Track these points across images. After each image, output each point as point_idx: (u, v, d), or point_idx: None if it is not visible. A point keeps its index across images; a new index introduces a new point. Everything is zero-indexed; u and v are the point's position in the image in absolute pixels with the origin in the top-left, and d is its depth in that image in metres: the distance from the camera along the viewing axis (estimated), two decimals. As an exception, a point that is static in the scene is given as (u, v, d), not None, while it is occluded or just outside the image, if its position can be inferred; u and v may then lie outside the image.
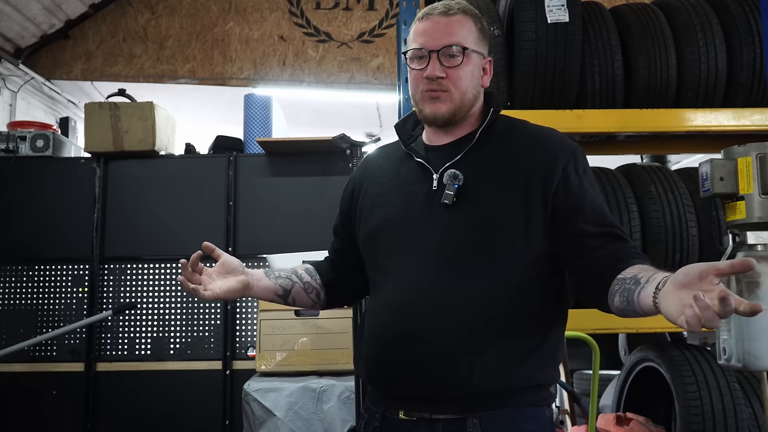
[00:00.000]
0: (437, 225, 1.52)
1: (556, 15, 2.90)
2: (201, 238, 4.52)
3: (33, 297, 4.35)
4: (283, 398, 2.97)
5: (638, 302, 1.30)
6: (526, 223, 1.50)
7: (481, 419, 1.47)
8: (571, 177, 1.54)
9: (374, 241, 1.62)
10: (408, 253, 1.54)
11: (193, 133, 5.92)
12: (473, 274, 1.49)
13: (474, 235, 1.50)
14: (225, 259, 1.61)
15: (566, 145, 1.59)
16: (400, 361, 1.50)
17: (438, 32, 1.56)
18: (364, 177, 1.73)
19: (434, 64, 1.54)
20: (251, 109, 4.75)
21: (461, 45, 1.56)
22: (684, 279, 1.15)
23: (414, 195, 1.58)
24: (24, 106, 5.75)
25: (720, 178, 2.25)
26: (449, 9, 1.58)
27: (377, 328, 1.56)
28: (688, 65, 3.05)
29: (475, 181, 1.54)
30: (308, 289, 1.74)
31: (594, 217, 1.52)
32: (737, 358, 2.09)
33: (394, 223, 1.58)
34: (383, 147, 1.80)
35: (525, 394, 1.50)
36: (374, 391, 1.63)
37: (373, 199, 1.66)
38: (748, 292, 2.06)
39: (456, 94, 1.56)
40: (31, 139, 4.49)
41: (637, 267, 1.38)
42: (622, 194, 2.98)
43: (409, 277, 1.52)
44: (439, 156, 1.60)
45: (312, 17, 6.25)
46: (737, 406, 2.75)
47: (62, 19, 5.88)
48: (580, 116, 2.99)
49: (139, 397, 4.23)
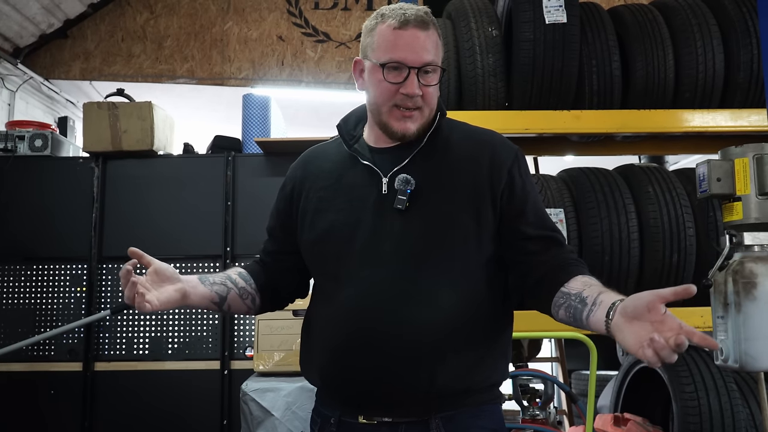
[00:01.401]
0: (391, 230, 1.51)
1: (554, 16, 2.90)
2: (199, 238, 4.50)
3: (31, 296, 4.35)
4: (281, 398, 2.97)
5: (587, 323, 1.37)
6: (477, 225, 1.52)
7: (444, 419, 1.48)
8: (516, 179, 1.56)
9: (323, 246, 1.59)
10: (362, 259, 1.51)
11: (191, 133, 5.91)
12: (431, 278, 1.49)
13: (429, 240, 1.50)
14: (158, 267, 1.51)
15: (509, 148, 1.61)
16: (361, 367, 1.48)
17: (418, 47, 1.52)
18: (305, 178, 1.68)
19: (414, 82, 1.52)
20: (250, 109, 4.75)
21: (436, 64, 1.55)
22: (633, 311, 1.22)
23: (362, 199, 1.56)
24: (22, 106, 5.74)
25: (717, 179, 2.26)
26: (423, 20, 1.54)
27: (333, 335, 1.53)
28: (686, 66, 3.06)
29: (425, 186, 1.53)
30: (243, 294, 1.67)
31: (536, 220, 1.56)
32: (734, 359, 2.10)
33: (344, 228, 1.55)
34: (321, 146, 1.76)
35: (483, 393, 1.54)
36: (327, 395, 1.61)
37: (317, 203, 1.62)
38: (744, 292, 2.07)
39: (427, 111, 1.57)
40: (29, 138, 4.49)
41: (580, 281, 1.44)
42: (619, 195, 2.99)
43: (366, 284, 1.50)
44: (385, 159, 1.58)
45: (311, 17, 6.25)
46: (734, 406, 2.76)
47: (61, 18, 5.87)
48: (578, 117, 2.99)
49: (137, 396, 4.23)
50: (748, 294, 2.06)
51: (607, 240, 2.90)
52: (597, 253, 2.90)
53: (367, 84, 1.60)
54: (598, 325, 1.33)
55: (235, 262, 4.34)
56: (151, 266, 1.50)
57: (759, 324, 2.04)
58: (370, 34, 1.58)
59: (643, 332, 1.18)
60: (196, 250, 4.35)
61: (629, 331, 1.22)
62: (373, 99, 1.59)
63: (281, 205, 1.73)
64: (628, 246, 2.90)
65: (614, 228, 2.92)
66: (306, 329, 1.66)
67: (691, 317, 2.86)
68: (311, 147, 1.77)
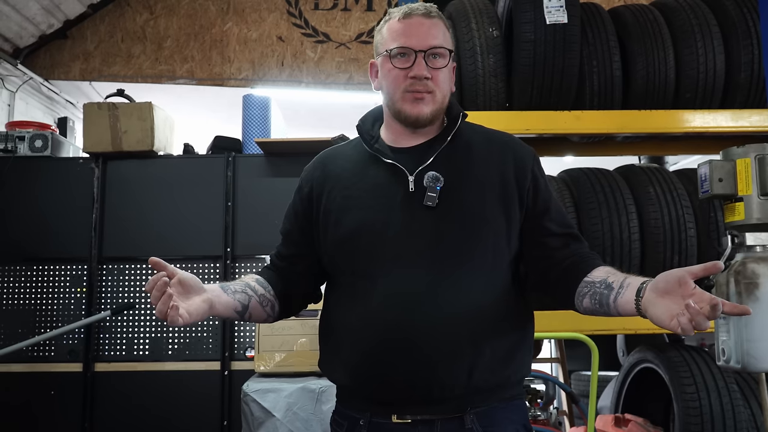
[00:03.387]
0: (423, 228, 1.52)
1: (554, 16, 2.90)
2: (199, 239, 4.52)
3: (31, 297, 4.35)
4: (282, 399, 2.97)
5: (615, 306, 1.40)
6: (507, 222, 1.55)
7: (477, 415, 1.50)
8: (539, 179, 1.61)
9: (353, 244, 1.57)
10: (396, 256, 1.51)
11: (191, 133, 5.90)
12: (466, 275, 1.50)
13: (464, 237, 1.51)
14: (182, 277, 1.42)
15: (528, 149, 1.66)
16: (398, 365, 1.48)
17: (423, 33, 1.57)
18: (325, 178, 1.67)
19: (421, 64, 1.55)
20: (250, 109, 4.75)
21: (445, 47, 1.59)
22: (665, 286, 1.27)
23: (390, 197, 1.56)
24: (22, 106, 5.74)
25: (719, 180, 2.25)
26: (429, 12, 1.60)
27: (367, 335, 1.51)
28: (687, 66, 3.06)
29: (453, 183, 1.55)
30: (263, 302, 1.64)
31: (558, 217, 1.61)
32: (736, 360, 2.09)
33: (376, 226, 1.55)
34: (337, 147, 1.77)
35: (513, 388, 1.57)
36: (355, 396, 1.59)
37: (342, 201, 1.61)
38: (747, 293, 2.07)
39: (439, 95, 1.59)
40: (29, 139, 4.48)
41: (603, 270, 1.48)
42: (620, 195, 2.99)
43: (400, 281, 1.50)
44: (408, 158, 1.59)
45: (310, 18, 6.25)
46: (736, 407, 2.76)
47: (61, 19, 5.87)
48: (579, 117, 2.99)
49: (137, 397, 4.23)
50: (750, 294, 2.06)
51: (608, 240, 2.90)
52: (598, 253, 2.89)
53: (380, 79, 1.64)
54: (627, 306, 1.36)
55: (235, 263, 4.34)
56: (175, 276, 1.40)
57: (761, 325, 2.04)
58: (379, 33, 1.65)
59: (674, 306, 1.23)
60: (196, 250, 4.35)
61: (662, 305, 1.26)
62: (386, 90, 1.62)
63: (299, 207, 1.71)
64: (629, 247, 2.90)
65: (615, 228, 2.92)
66: (328, 330, 1.64)
67: (693, 318, 2.86)
68: (325, 149, 1.78)
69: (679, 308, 1.21)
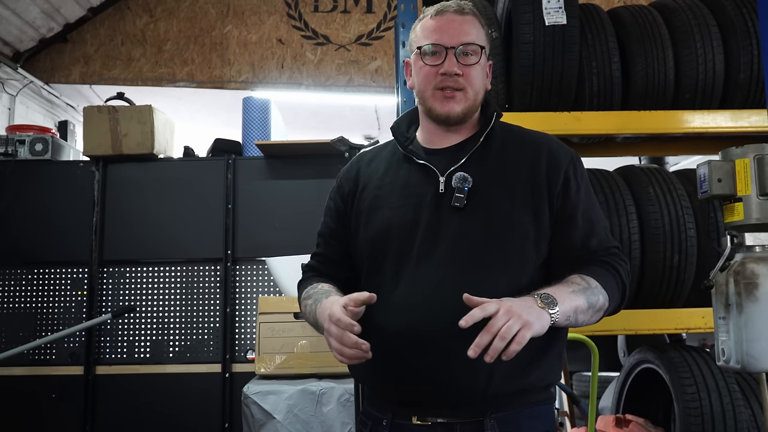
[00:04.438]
0: (449, 229, 1.51)
1: (553, 17, 2.90)
2: (200, 241, 4.52)
3: (32, 300, 4.35)
4: (283, 401, 2.97)
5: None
6: (536, 226, 1.52)
7: (498, 420, 1.47)
8: (571, 181, 1.56)
9: (381, 243, 1.57)
10: (422, 256, 1.51)
11: (191, 136, 5.92)
12: (491, 277, 1.48)
13: (489, 239, 1.50)
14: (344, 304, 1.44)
15: (565, 150, 1.60)
16: (417, 366, 1.47)
17: (454, 30, 1.56)
18: (359, 179, 1.68)
19: (452, 60, 1.54)
20: (250, 112, 4.76)
21: (477, 44, 1.57)
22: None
23: (419, 197, 1.56)
24: (23, 110, 5.75)
25: (718, 180, 2.25)
26: (462, 9, 1.59)
27: (389, 335, 1.50)
28: (686, 67, 3.05)
29: (483, 185, 1.53)
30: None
31: (585, 230, 1.56)
32: (736, 360, 2.09)
33: (404, 226, 1.55)
34: (372, 149, 1.77)
35: (538, 394, 1.54)
36: (378, 396, 1.59)
37: (372, 201, 1.62)
38: (746, 293, 2.06)
39: (471, 92, 1.57)
40: (29, 142, 4.49)
41: (570, 278, 1.48)
42: (620, 196, 2.98)
43: (423, 283, 1.49)
44: (440, 159, 1.58)
45: (310, 20, 6.26)
46: (736, 407, 2.75)
47: (61, 22, 5.88)
48: (578, 118, 2.99)
49: (138, 400, 4.23)
50: (749, 295, 2.06)
51: (608, 241, 2.90)
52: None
53: (413, 77, 1.64)
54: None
55: (236, 265, 4.34)
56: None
57: (761, 325, 2.04)
58: (413, 31, 1.64)
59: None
60: (196, 253, 4.36)
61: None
62: (418, 88, 1.62)
63: (340, 206, 1.71)
64: (629, 247, 2.89)
65: (615, 229, 2.91)
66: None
67: (693, 318, 2.86)
68: (363, 150, 1.80)
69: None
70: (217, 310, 4.32)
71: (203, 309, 4.33)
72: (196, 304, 4.34)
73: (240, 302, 4.35)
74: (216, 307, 4.32)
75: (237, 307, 4.34)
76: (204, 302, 4.35)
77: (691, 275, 2.92)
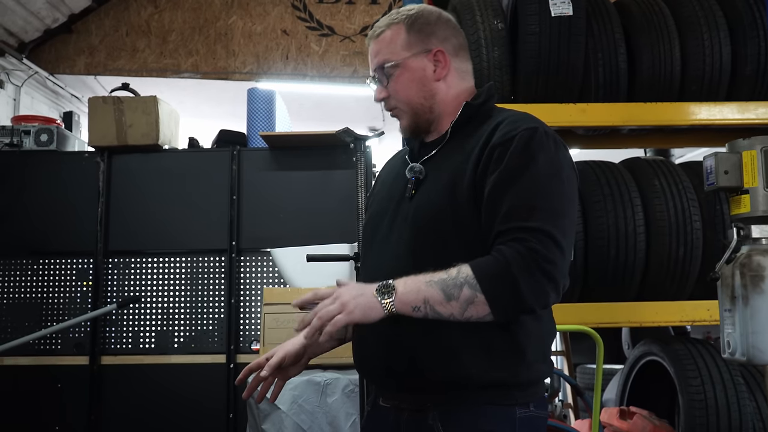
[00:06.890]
0: (400, 216, 1.58)
1: (560, 8, 2.89)
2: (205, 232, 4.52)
3: (37, 291, 4.37)
4: (288, 391, 2.98)
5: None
6: (454, 208, 1.47)
7: (441, 414, 1.46)
8: (493, 159, 1.45)
9: (364, 239, 1.73)
10: (378, 243, 1.62)
11: (196, 127, 5.91)
12: (419, 262, 1.44)
13: (416, 227, 1.53)
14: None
15: (512, 128, 1.48)
16: (370, 345, 1.57)
17: (371, 57, 1.64)
18: (379, 178, 1.81)
19: (376, 88, 1.64)
20: (254, 103, 4.75)
21: (384, 63, 1.60)
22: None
23: (396, 191, 1.64)
24: (28, 101, 5.76)
25: (724, 172, 2.25)
26: (377, 29, 1.64)
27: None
28: (693, 58, 3.04)
29: (431, 173, 1.57)
30: None
31: (511, 206, 1.41)
32: (741, 352, 2.09)
33: (375, 218, 1.67)
34: (400, 150, 1.85)
35: (484, 391, 1.44)
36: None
37: (373, 199, 1.76)
38: (752, 285, 2.06)
39: (404, 106, 1.63)
40: (35, 133, 4.50)
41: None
42: (626, 188, 2.98)
43: (374, 268, 1.58)
44: (422, 154, 1.65)
45: (315, 11, 6.25)
46: (741, 399, 2.76)
47: (65, 13, 5.88)
48: (584, 110, 2.98)
49: (143, 390, 4.24)
50: (755, 287, 2.06)
51: (613, 233, 2.90)
52: (603, 246, 2.89)
53: None
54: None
55: (240, 257, 4.35)
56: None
57: (766, 317, 2.03)
58: None
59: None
60: (201, 244, 4.36)
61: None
62: None
63: (368, 204, 1.84)
64: (635, 239, 2.89)
65: (620, 221, 2.91)
66: None
67: (698, 310, 2.86)
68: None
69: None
70: (221, 300, 4.33)
71: (208, 300, 4.34)
72: (201, 294, 4.35)
73: (245, 293, 4.35)
74: (221, 297, 4.33)
75: (242, 298, 4.35)
76: (209, 293, 4.36)
77: (696, 267, 2.92)
